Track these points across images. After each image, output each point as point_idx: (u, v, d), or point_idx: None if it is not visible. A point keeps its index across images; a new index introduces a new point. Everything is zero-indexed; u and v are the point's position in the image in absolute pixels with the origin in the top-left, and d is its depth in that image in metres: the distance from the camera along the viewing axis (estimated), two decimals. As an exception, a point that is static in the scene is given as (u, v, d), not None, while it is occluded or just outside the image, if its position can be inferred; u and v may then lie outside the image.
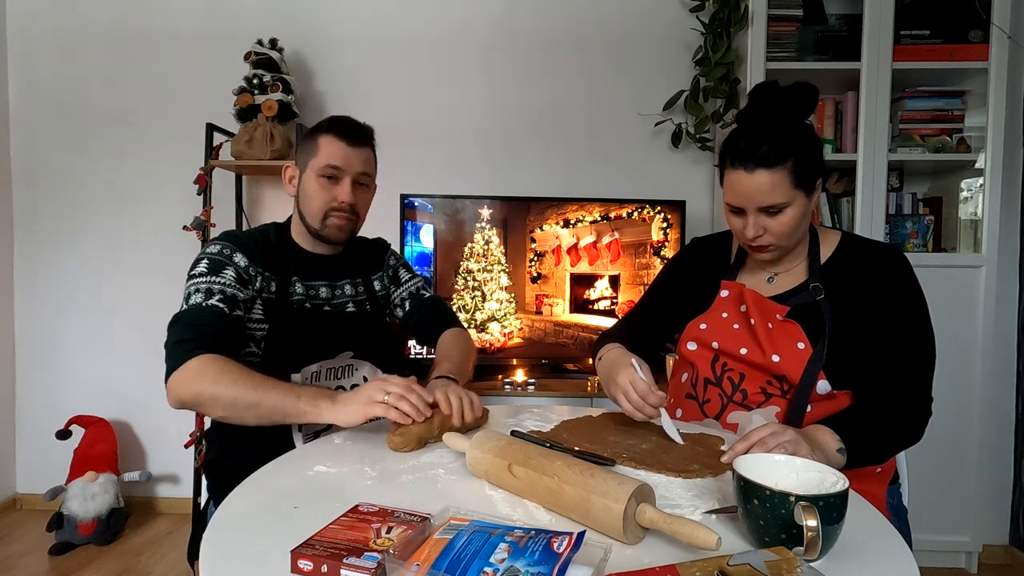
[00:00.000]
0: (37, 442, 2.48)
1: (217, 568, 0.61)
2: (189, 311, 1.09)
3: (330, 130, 1.23)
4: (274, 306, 1.19)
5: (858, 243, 1.17)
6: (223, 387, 0.99)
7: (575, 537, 0.58)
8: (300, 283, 1.24)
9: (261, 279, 1.18)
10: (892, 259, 1.11)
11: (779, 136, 1.04)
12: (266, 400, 0.98)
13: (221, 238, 1.19)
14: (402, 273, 1.44)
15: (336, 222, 1.23)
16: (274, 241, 1.24)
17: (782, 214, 1.06)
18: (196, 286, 1.11)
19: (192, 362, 1.02)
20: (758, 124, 1.07)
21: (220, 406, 1.00)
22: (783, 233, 1.08)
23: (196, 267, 1.14)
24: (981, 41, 2.02)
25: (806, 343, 1.08)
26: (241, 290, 1.13)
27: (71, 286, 2.48)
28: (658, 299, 1.35)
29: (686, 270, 1.33)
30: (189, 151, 2.33)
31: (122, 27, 2.42)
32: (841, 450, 0.95)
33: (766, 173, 1.03)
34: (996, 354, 2.12)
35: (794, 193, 1.05)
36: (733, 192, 1.08)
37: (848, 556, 0.64)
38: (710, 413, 1.16)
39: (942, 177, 2.25)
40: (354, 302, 1.32)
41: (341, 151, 1.21)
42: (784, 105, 1.07)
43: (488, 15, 2.39)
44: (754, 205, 1.06)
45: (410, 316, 1.42)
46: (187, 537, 2.22)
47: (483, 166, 2.42)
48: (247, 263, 1.16)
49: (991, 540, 2.22)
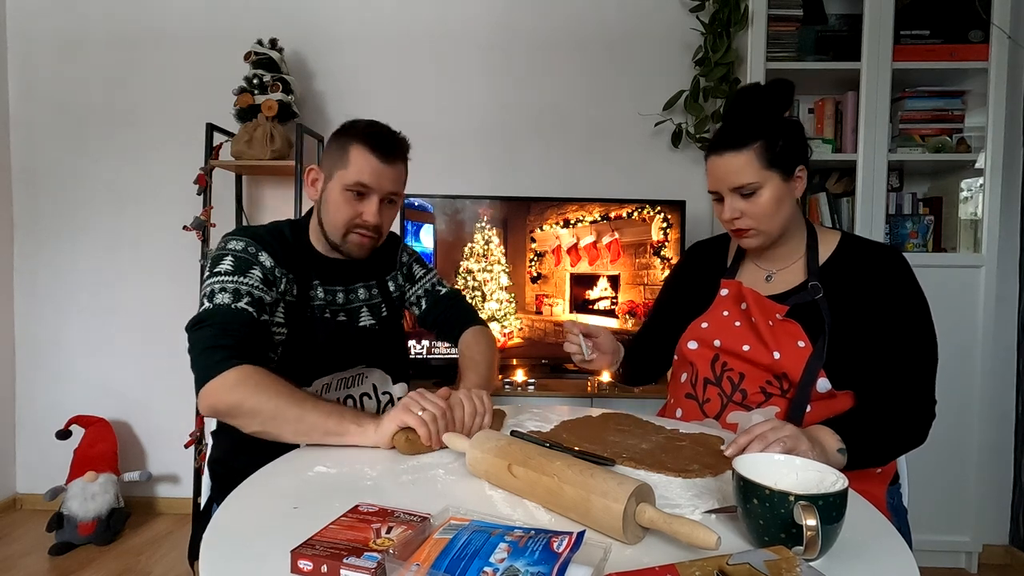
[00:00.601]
0: (37, 442, 2.48)
1: (217, 568, 0.61)
2: (216, 312, 1.03)
3: (364, 141, 1.14)
4: (295, 311, 1.15)
5: (858, 244, 1.17)
6: (265, 400, 0.96)
7: (575, 537, 0.57)
8: (322, 287, 1.20)
9: (285, 281, 1.13)
10: (892, 260, 1.12)
11: (748, 121, 1.10)
12: (309, 417, 0.95)
13: (241, 234, 1.13)
14: (416, 269, 1.40)
15: (358, 239, 1.17)
16: (291, 240, 1.18)
17: (757, 196, 1.10)
18: (222, 284, 1.05)
19: (231, 372, 0.98)
20: (733, 116, 1.15)
21: (259, 419, 0.97)
22: (760, 215, 1.11)
23: (220, 264, 1.08)
24: (981, 41, 2.02)
25: (806, 341, 1.08)
26: (267, 292, 1.08)
27: (71, 286, 2.48)
28: (664, 307, 1.38)
29: (687, 275, 1.35)
30: (189, 151, 2.33)
31: (122, 27, 2.42)
32: (842, 450, 0.95)
33: (733, 155, 1.09)
34: (996, 354, 2.12)
35: (765, 175, 1.09)
36: (710, 177, 1.15)
37: (848, 556, 0.64)
38: (710, 413, 1.16)
39: (942, 177, 2.25)
40: (368, 306, 1.28)
41: (372, 168, 1.13)
42: (761, 100, 1.13)
43: (488, 15, 2.39)
44: (726, 186, 1.11)
45: (428, 314, 1.39)
46: (187, 537, 2.22)
47: (483, 166, 2.42)
48: (272, 264, 1.10)
49: (991, 540, 2.22)
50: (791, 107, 1.17)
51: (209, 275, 1.08)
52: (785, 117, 1.15)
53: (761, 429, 0.87)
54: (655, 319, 1.39)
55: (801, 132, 1.15)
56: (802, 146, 1.13)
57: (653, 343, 1.36)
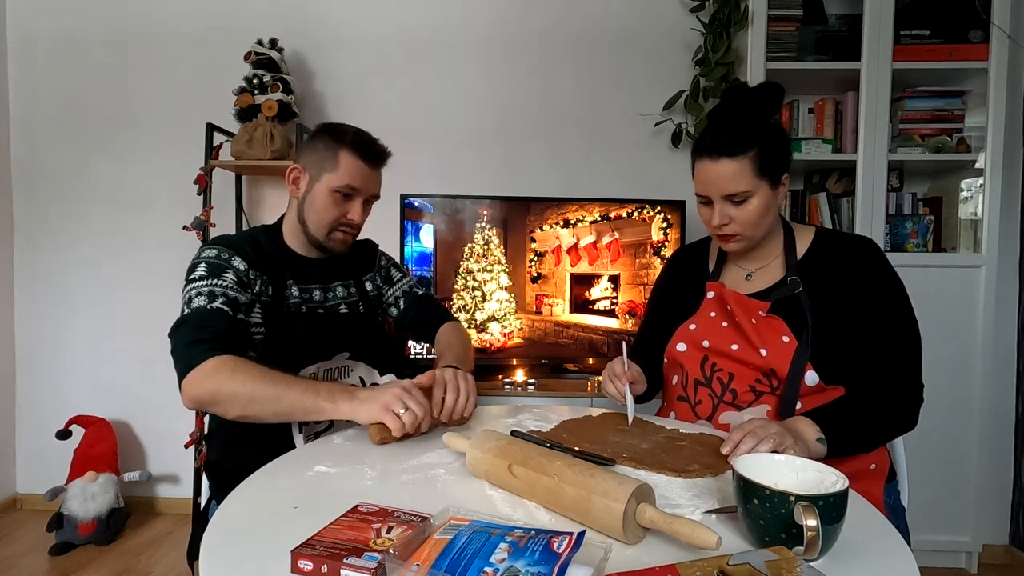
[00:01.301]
0: (37, 442, 2.48)
1: (217, 568, 0.61)
2: (194, 314, 1.08)
3: (354, 148, 1.21)
4: (271, 310, 1.19)
5: (832, 236, 1.20)
6: (241, 384, 0.99)
7: (575, 537, 0.57)
8: (296, 286, 1.24)
9: (260, 283, 1.18)
10: (866, 250, 1.14)
11: (743, 128, 1.09)
12: (286, 396, 0.98)
13: (214, 243, 1.18)
14: (394, 272, 1.46)
15: (342, 236, 1.25)
16: (265, 245, 1.23)
17: (747, 203, 1.11)
18: (197, 289, 1.10)
19: (208, 362, 1.01)
20: (725, 119, 1.13)
21: (239, 404, 1.00)
22: (748, 223, 1.12)
23: (194, 271, 1.13)
24: (981, 41, 2.02)
25: (790, 336, 1.10)
26: (241, 293, 1.13)
27: (71, 286, 2.48)
28: (653, 314, 1.39)
29: (671, 282, 1.37)
30: (189, 151, 2.33)
31: (122, 27, 2.42)
32: (821, 439, 0.97)
33: (729, 162, 1.08)
34: (996, 354, 2.12)
35: (757, 183, 1.09)
36: (700, 181, 1.14)
37: (848, 556, 0.64)
38: (702, 414, 1.17)
39: (942, 177, 2.25)
40: (347, 303, 1.32)
41: (362, 173, 1.22)
42: (751, 103, 1.13)
43: (488, 15, 2.39)
44: (719, 193, 1.11)
45: (404, 314, 1.43)
46: (187, 537, 2.22)
47: (483, 166, 2.42)
48: (246, 267, 1.15)
49: (991, 540, 2.22)
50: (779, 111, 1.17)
51: (185, 283, 1.13)
52: (773, 122, 1.15)
53: (751, 426, 0.90)
54: (647, 330, 1.38)
55: (788, 138, 1.16)
56: (788, 152, 1.15)
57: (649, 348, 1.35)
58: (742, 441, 0.88)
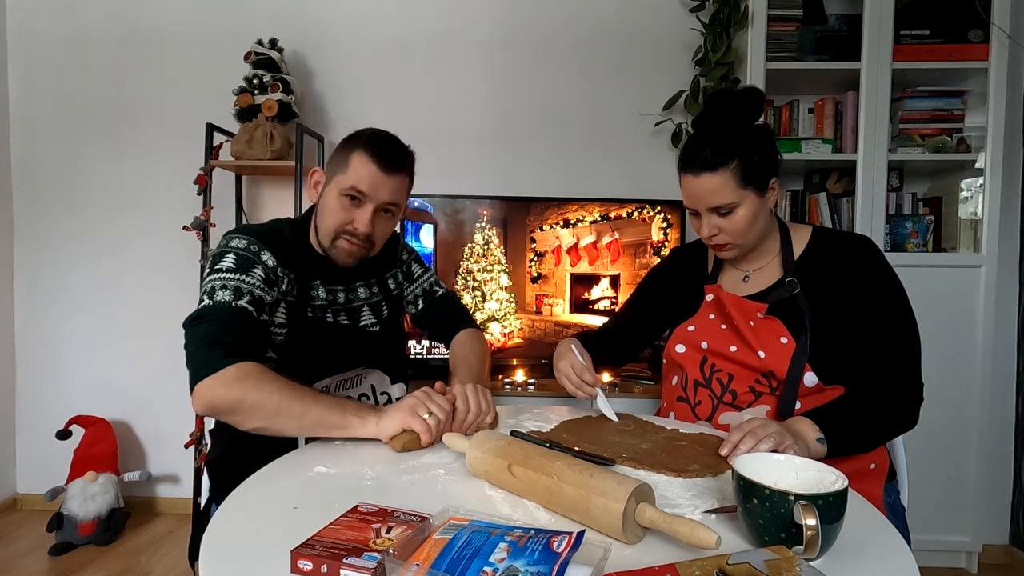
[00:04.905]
0: (37, 442, 2.48)
1: (217, 568, 0.61)
2: (216, 309, 1.01)
3: (366, 149, 1.12)
4: (296, 311, 1.14)
5: (829, 235, 1.19)
6: (267, 396, 0.95)
7: (574, 537, 0.57)
8: (323, 287, 1.20)
9: (287, 281, 1.12)
10: (863, 248, 1.14)
11: (722, 139, 1.09)
12: (312, 411, 0.96)
13: (244, 232, 1.12)
14: (415, 268, 1.40)
15: (345, 246, 1.15)
16: (291, 239, 1.17)
17: (733, 214, 1.11)
18: (223, 282, 1.04)
19: (230, 369, 0.96)
20: (705, 130, 1.13)
21: (261, 416, 0.96)
22: (737, 232, 1.12)
23: (222, 261, 1.07)
24: (981, 41, 2.02)
25: (789, 337, 1.10)
26: (267, 292, 1.08)
27: (71, 286, 2.48)
28: (639, 308, 1.39)
29: (667, 279, 1.36)
30: (189, 151, 2.33)
31: (122, 27, 2.42)
32: (821, 439, 0.96)
33: (710, 176, 1.09)
34: (996, 354, 2.11)
35: (742, 193, 1.09)
36: (686, 195, 1.15)
37: (848, 555, 0.64)
38: (702, 415, 1.17)
39: (942, 177, 2.25)
40: (369, 305, 1.28)
41: (371, 175, 1.11)
42: (732, 109, 1.12)
43: (488, 15, 2.39)
44: (704, 206, 1.12)
45: (423, 314, 1.40)
46: (187, 537, 2.22)
47: (483, 166, 2.42)
48: (275, 263, 1.10)
49: (991, 540, 2.22)
50: (762, 115, 1.16)
51: (210, 272, 1.07)
52: (756, 126, 1.14)
53: (751, 426, 0.90)
54: (630, 317, 1.39)
55: (772, 140, 1.15)
56: (774, 156, 1.13)
57: (622, 341, 1.37)
58: (741, 441, 0.88)
